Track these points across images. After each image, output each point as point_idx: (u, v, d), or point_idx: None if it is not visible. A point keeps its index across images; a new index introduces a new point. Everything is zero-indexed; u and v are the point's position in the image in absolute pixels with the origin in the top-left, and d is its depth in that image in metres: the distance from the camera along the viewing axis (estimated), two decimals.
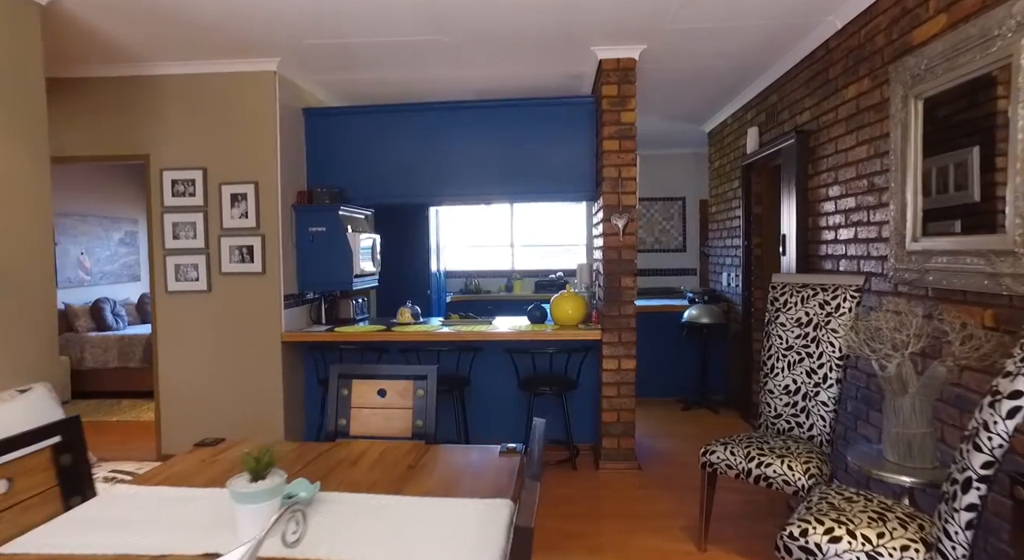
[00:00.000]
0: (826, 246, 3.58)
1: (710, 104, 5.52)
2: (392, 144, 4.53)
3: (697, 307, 5.59)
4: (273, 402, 4.20)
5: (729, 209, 5.74)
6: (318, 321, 4.67)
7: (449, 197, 4.62)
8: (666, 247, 8.19)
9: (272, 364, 4.19)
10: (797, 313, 3.05)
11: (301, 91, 4.51)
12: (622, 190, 3.99)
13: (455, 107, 4.50)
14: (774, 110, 4.46)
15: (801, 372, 2.97)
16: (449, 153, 4.51)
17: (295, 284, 4.41)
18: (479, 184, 4.52)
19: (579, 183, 4.43)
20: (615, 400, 4.03)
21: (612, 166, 3.99)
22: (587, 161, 4.40)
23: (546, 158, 4.44)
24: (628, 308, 4.00)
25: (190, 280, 4.18)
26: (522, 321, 4.54)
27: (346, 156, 4.57)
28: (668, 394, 5.95)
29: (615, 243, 3.99)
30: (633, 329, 4.00)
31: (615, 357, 4.01)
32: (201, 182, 4.16)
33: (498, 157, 4.48)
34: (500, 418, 4.46)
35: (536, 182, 4.46)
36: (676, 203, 8.18)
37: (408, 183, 4.55)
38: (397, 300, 6.56)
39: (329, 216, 4.39)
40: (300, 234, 4.42)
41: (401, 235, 6.59)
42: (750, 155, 4.91)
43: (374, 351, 4.24)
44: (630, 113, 3.97)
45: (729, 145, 5.72)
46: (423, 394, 2.28)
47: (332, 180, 4.56)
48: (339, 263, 4.41)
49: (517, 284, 8.13)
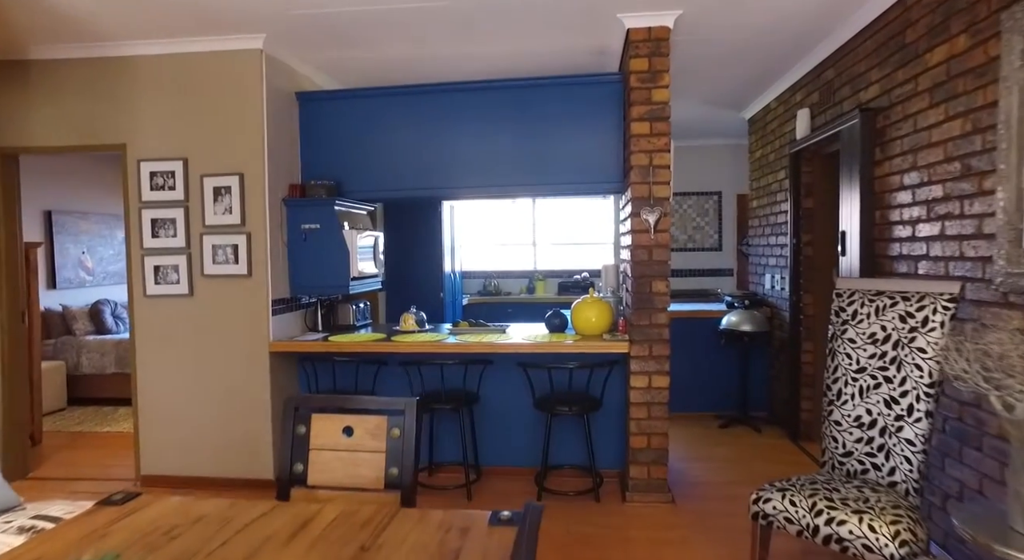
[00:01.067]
0: (900, 245, 2.99)
1: (752, 85, 4.92)
2: (396, 131, 4.06)
3: (737, 313, 5.01)
4: (261, 418, 3.77)
5: (773, 203, 5.14)
6: (314, 328, 4.23)
7: (457, 190, 4.12)
8: (700, 245, 7.59)
9: (259, 376, 3.76)
10: (871, 327, 2.48)
11: (293, 73, 4.07)
12: (653, 180, 3.45)
13: (463, 89, 4.00)
14: (830, 88, 3.86)
15: (877, 401, 2.40)
16: (458, 141, 4.02)
17: (287, 287, 3.97)
18: (491, 175, 4.02)
19: (605, 173, 3.89)
20: (645, 423, 3.49)
21: (642, 152, 3.45)
22: (613, 148, 3.87)
23: (567, 146, 3.91)
24: (660, 317, 3.46)
25: (170, 283, 3.78)
26: (540, 329, 4.03)
27: (344, 145, 4.12)
28: (704, 408, 5.37)
29: (645, 241, 3.46)
30: (666, 341, 3.46)
31: (645, 373, 3.47)
32: (182, 174, 3.75)
33: (512, 145, 3.97)
34: (513, 438, 3.96)
35: (556, 173, 3.94)
36: (711, 198, 7.57)
37: (413, 175, 4.07)
38: (407, 304, 6.11)
39: (324, 212, 3.94)
40: (292, 232, 3.98)
41: (412, 233, 6.14)
42: (799, 141, 4.31)
43: (371, 363, 3.78)
44: (663, 91, 3.43)
45: (773, 132, 5.12)
46: (399, 434, 1.79)
47: (329, 172, 4.11)
48: (335, 264, 3.96)
49: (539, 285, 7.62)
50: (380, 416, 1.83)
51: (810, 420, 4.50)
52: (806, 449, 4.35)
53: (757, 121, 5.62)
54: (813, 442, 4.45)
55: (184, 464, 3.83)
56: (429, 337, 3.81)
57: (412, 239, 6.09)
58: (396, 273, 6.11)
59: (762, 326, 4.90)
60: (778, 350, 5.07)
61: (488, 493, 3.71)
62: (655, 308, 3.46)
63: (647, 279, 3.46)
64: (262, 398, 3.77)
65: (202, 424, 3.80)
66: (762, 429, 4.86)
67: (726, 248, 7.54)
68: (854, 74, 3.50)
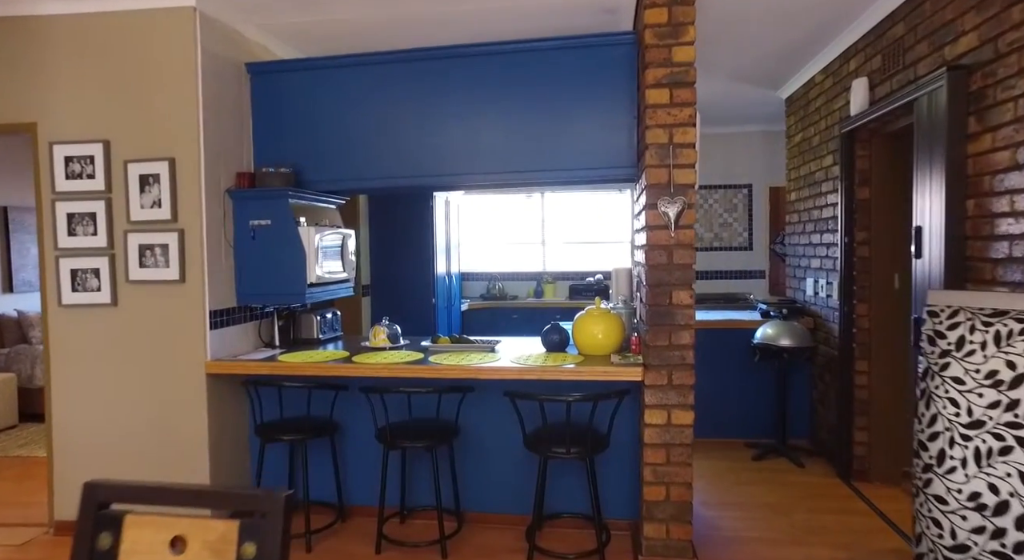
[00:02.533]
0: (1007, 244, 2.23)
1: (793, 55, 4.15)
2: (367, 109, 3.39)
3: (774, 324, 4.25)
4: (195, 453, 3.12)
5: (817, 195, 4.37)
6: (270, 343, 3.58)
7: (437, 179, 3.42)
8: (727, 244, 6.81)
9: (194, 403, 3.12)
10: (989, 362, 1.73)
11: (241, 40, 3.42)
12: (675, 162, 2.72)
13: (447, 55, 3.30)
14: (899, 47, 3.09)
15: (1011, 473, 1.65)
16: (440, 119, 3.33)
17: (232, 295, 3.32)
18: (477, 162, 3.32)
19: (615, 157, 3.17)
20: (663, 470, 2.77)
21: (659, 127, 2.72)
22: (625, 126, 3.14)
23: (569, 124, 3.20)
24: (683, 336, 2.73)
25: (90, 290, 3.15)
26: (536, 346, 3.33)
27: (306, 126, 3.45)
28: (733, 434, 4.62)
29: (664, 240, 2.73)
30: (690, 366, 2.73)
31: (662, 407, 2.75)
32: (102, 159, 3.11)
33: (503, 124, 3.27)
34: (502, 478, 3.26)
35: (555, 158, 3.23)
36: (740, 191, 6.79)
37: (389, 161, 3.39)
38: (393, 311, 5.45)
39: (276, 205, 3.28)
40: (239, 229, 3.33)
41: (400, 230, 5.47)
42: (854, 118, 3.54)
43: (328, 389, 3.11)
44: (686, 48, 2.70)
45: (818, 111, 4.34)
46: (254, 554, 1.10)
47: (287, 158, 3.45)
48: (288, 267, 3.30)
49: (548, 288, 6.92)
50: (229, 522, 1.14)
51: (866, 456, 3.73)
52: (862, 493, 3.58)
53: (797, 100, 4.84)
54: (870, 483, 3.68)
55: None
56: (400, 357, 3.13)
57: (400, 237, 5.43)
58: (382, 276, 5.45)
59: (804, 340, 4.13)
60: (822, 368, 4.30)
61: (468, 548, 3.02)
62: (676, 325, 2.73)
63: (666, 288, 2.73)
64: (197, 429, 3.12)
65: (127, 461, 3.17)
66: (804, 463, 4.10)
67: (757, 247, 6.75)
68: (936, 25, 2.73)
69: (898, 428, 3.64)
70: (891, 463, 3.66)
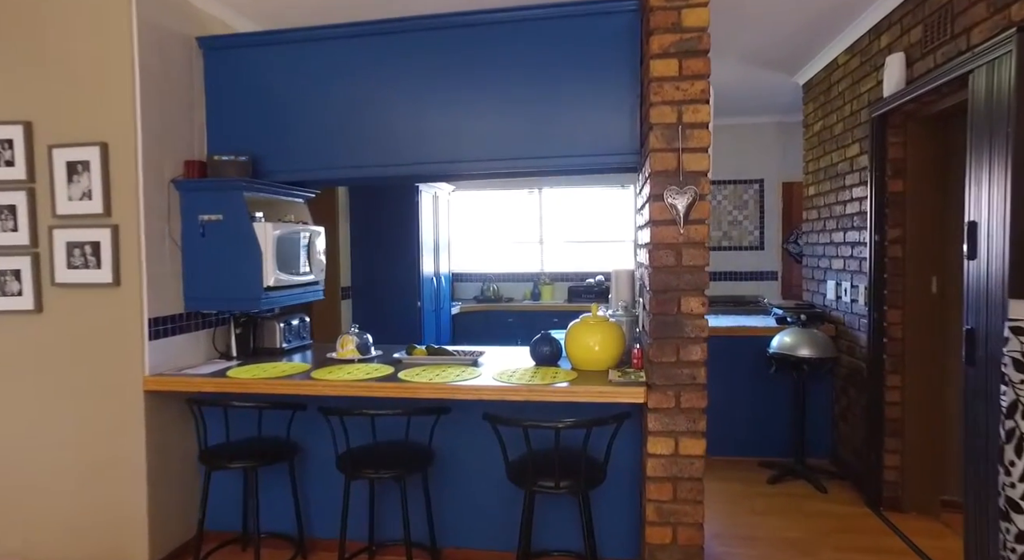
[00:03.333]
0: None
1: (814, 34, 3.72)
2: (338, 88, 2.98)
3: (792, 332, 3.82)
4: (131, 482, 2.72)
5: (840, 189, 3.94)
6: (226, 353, 3.18)
7: (412, 166, 3.00)
8: (738, 244, 6.39)
9: (130, 423, 2.72)
10: None
11: (190, 10, 3.01)
12: (684, 145, 2.30)
13: (424, 26, 2.88)
14: (946, 13, 2.66)
15: None
16: (419, 99, 2.91)
17: (179, 299, 2.92)
18: (459, 148, 2.90)
19: (613, 142, 2.75)
20: (669, 507, 2.35)
21: (666, 104, 2.30)
22: (627, 107, 2.73)
23: (560, 105, 2.78)
24: (693, 350, 2.31)
25: (10, 294, 2.75)
26: (524, 359, 2.92)
27: (267, 108, 3.04)
28: (746, 451, 4.20)
29: (671, 237, 2.31)
30: (701, 387, 2.31)
31: (668, 434, 2.33)
32: (22, 143, 2.71)
33: (487, 104, 2.86)
34: (484, 509, 2.85)
35: (545, 143, 2.81)
36: (751, 187, 6.36)
37: (363, 149, 2.98)
38: (376, 317, 5.04)
39: (229, 198, 2.87)
40: (187, 225, 2.93)
41: (383, 227, 5.06)
42: (888, 100, 3.11)
43: (283, 408, 2.69)
44: (698, 11, 2.27)
45: (842, 95, 3.91)
46: None
47: (245, 144, 3.05)
48: (241, 269, 2.89)
49: (545, 290, 6.50)
50: None
51: (898, 483, 3.30)
52: (896, 526, 3.15)
53: (817, 85, 4.41)
54: (903, 513, 3.25)
55: (27, 548, 2.80)
56: (366, 371, 2.72)
57: (383, 235, 5.02)
58: (364, 277, 5.04)
59: (826, 350, 3.70)
60: (845, 381, 3.87)
61: None
62: (685, 337, 2.31)
63: (673, 294, 2.31)
64: (133, 454, 2.72)
65: (51, 492, 2.77)
66: (827, 487, 3.67)
67: (769, 247, 6.33)
68: None
69: (936, 452, 3.22)
70: (928, 491, 3.23)
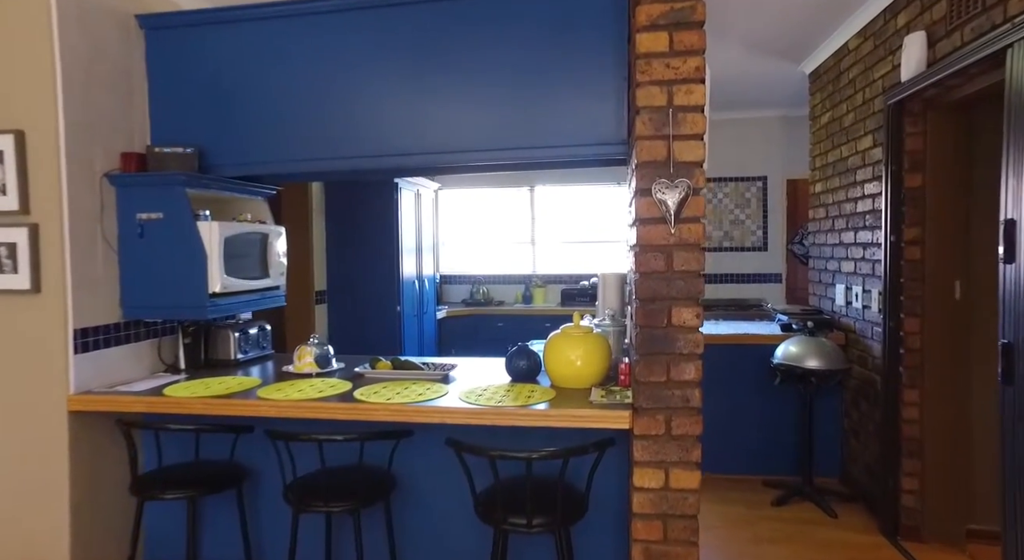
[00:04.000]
0: None
1: (821, 17, 3.41)
2: (297, 73, 2.67)
3: (798, 341, 3.50)
4: (53, 512, 2.42)
5: (851, 185, 3.63)
6: (173, 366, 2.87)
7: (375, 159, 2.70)
8: (739, 245, 6.08)
9: (52, 447, 2.41)
10: None
11: None
12: (676, 131, 1.99)
13: (388, 3, 2.58)
14: None
15: None
16: (380, 84, 2.61)
17: (115, 307, 2.62)
18: (423, 138, 2.60)
19: (596, 130, 2.44)
20: (659, 549, 2.04)
21: (654, 84, 1.99)
22: (610, 92, 2.42)
23: (534, 90, 2.47)
24: (686, 369, 1.99)
25: None
26: (499, 374, 2.61)
27: (218, 94, 2.73)
28: (748, 469, 3.89)
29: (660, 238, 2.00)
30: (696, 411, 2.00)
31: (658, 465, 2.02)
32: None
33: (452, 88, 2.55)
34: (454, 544, 2.54)
35: (518, 133, 2.50)
36: (754, 185, 6.06)
37: (323, 140, 2.67)
38: (358, 321, 4.74)
39: (170, 194, 2.57)
40: (124, 224, 2.62)
41: (361, 228, 4.76)
42: (906, 85, 2.80)
43: (225, 431, 2.39)
44: None
45: (852, 83, 3.60)
46: None
47: (194, 135, 2.74)
48: (183, 273, 2.59)
49: (537, 293, 6.20)
50: None
51: (917, 509, 2.98)
52: (916, 558, 2.83)
53: (824, 73, 4.09)
54: (923, 544, 2.94)
55: None
56: (318, 389, 2.41)
57: (361, 235, 4.71)
58: (341, 280, 4.74)
59: (836, 361, 3.39)
60: (856, 393, 3.56)
61: None
62: (677, 354, 2.00)
63: (663, 304, 2.00)
64: (54, 482, 2.41)
65: None
66: (837, 511, 3.35)
67: (772, 247, 6.02)
68: None
69: (961, 476, 2.91)
70: (952, 519, 2.92)
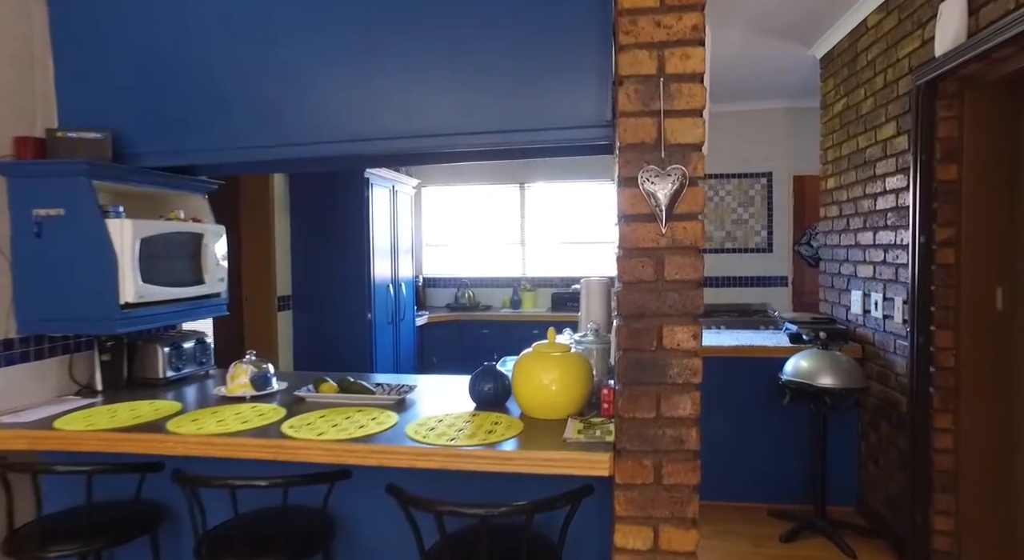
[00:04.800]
0: None
1: None
2: (234, 44, 2.28)
3: (810, 356, 3.10)
4: None
5: (869, 179, 3.23)
6: (89, 386, 2.48)
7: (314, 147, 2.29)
8: (742, 246, 5.68)
9: None
10: None
11: None
12: (668, 106, 1.59)
13: None
14: None
15: None
16: (327, 61, 2.22)
17: (10, 319, 2.23)
18: (376, 120, 2.20)
19: (575, 111, 2.04)
20: None
21: (641, 47, 1.59)
22: (592, 65, 2.01)
23: (502, 62, 2.07)
24: (680, 402, 1.59)
25: None
26: (463, 399, 2.21)
27: (139, 69, 2.34)
28: (753, 497, 3.49)
29: (648, 239, 1.60)
30: (692, 454, 1.60)
31: (645, 521, 1.62)
32: None
33: (404, 61, 2.15)
34: None
35: (478, 114, 2.10)
36: (758, 181, 5.65)
37: (262, 125, 2.27)
38: (326, 330, 4.35)
39: (73, 186, 2.17)
40: (18, 221, 2.23)
41: (330, 227, 4.36)
42: (941, 61, 2.40)
43: (126, 472, 1.99)
44: None
45: (872, 65, 3.20)
46: None
47: (111, 117, 2.35)
48: (89, 279, 2.19)
49: (527, 297, 5.80)
50: None
51: (954, 553, 2.58)
52: None
53: (838, 56, 3.69)
54: None
55: None
56: (245, 418, 2.01)
57: (330, 235, 4.31)
58: (307, 284, 4.35)
59: (853, 379, 2.99)
60: (875, 413, 3.17)
61: None
62: (669, 384, 1.60)
63: (652, 322, 1.60)
64: None
65: None
66: (855, 549, 2.95)
67: (778, 249, 5.62)
68: None
69: (1006, 518, 2.50)
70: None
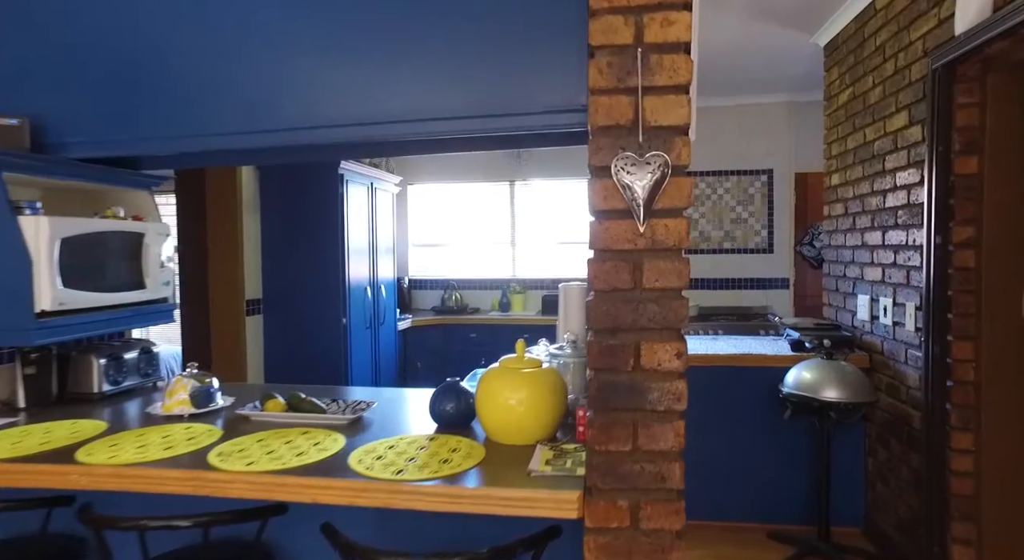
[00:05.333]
0: None
1: None
2: (170, 20, 2.03)
3: (813, 367, 2.85)
4: None
5: (878, 174, 2.98)
6: (11, 404, 2.24)
7: (259, 136, 2.05)
8: (741, 246, 5.43)
9: None
10: None
11: None
12: (648, 81, 1.33)
13: None
14: None
15: None
16: (269, 40, 1.97)
17: None
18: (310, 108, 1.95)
19: (544, 91, 1.79)
20: None
21: (615, 11, 1.34)
22: (563, 33, 1.76)
23: (462, 33, 1.82)
24: (662, 434, 1.34)
25: None
26: (425, 421, 1.96)
27: (61, 48, 2.10)
28: (751, 517, 3.24)
29: (622, 239, 1.35)
30: (675, 493, 1.35)
31: None
32: None
33: (357, 39, 1.90)
34: None
35: (450, 98, 1.85)
36: (758, 179, 5.41)
37: (210, 110, 2.03)
38: (300, 335, 4.11)
39: None
40: None
41: (303, 225, 4.11)
42: (962, 40, 2.15)
43: (29, 508, 1.73)
44: None
45: (881, 51, 2.95)
46: None
47: (31, 100, 2.11)
48: (0, 284, 1.95)
49: (516, 300, 5.56)
50: None
51: None
52: None
53: (844, 42, 3.44)
54: None
55: None
56: (174, 441, 1.76)
57: (303, 235, 4.07)
58: (278, 287, 4.10)
59: (860, 392, 2.74)
60: (883, 428, 2.92)
61: None
62: (648, 411, 1.35)
63: (629, 337, 1.35)
64: None
65: None
66: None
67: (779, 249, 5.37)
68: None
69: None
70: None
